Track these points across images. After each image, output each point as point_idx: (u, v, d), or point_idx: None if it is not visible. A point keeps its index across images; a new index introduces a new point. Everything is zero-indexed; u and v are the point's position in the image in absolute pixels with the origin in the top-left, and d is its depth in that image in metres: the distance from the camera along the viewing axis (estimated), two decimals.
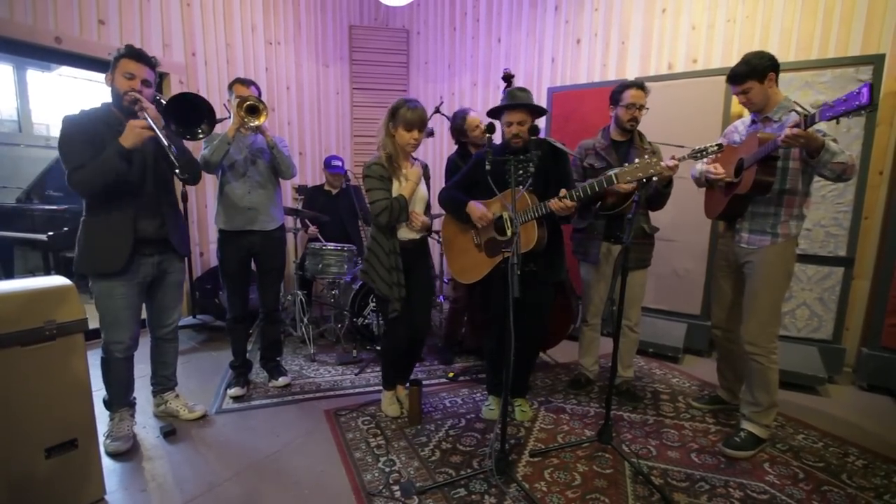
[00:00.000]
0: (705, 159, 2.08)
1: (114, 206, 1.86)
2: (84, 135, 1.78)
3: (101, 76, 3.25)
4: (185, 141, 2.05)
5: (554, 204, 1.85)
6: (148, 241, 1.95)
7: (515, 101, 1.97)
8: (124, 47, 1.85)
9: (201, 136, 1.99)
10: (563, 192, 1.86)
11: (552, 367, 2.96)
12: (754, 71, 1.85)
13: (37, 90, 6.00)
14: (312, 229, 3.64)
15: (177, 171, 1.82)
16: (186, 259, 3.34)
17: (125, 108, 1.82)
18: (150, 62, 1.88)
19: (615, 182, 1.83)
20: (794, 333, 2.89)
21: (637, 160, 1.78)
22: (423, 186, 2.17)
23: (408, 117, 2.00)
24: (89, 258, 1.86)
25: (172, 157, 1.74)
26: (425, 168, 2.22)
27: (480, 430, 2.17)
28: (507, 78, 2.48)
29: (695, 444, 2.07)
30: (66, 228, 3.93)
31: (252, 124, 2.26)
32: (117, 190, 1.83)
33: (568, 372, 2.86)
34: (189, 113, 1.95)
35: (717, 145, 1.96)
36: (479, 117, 2.72)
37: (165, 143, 1.73)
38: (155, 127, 1.73)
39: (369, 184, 2.05)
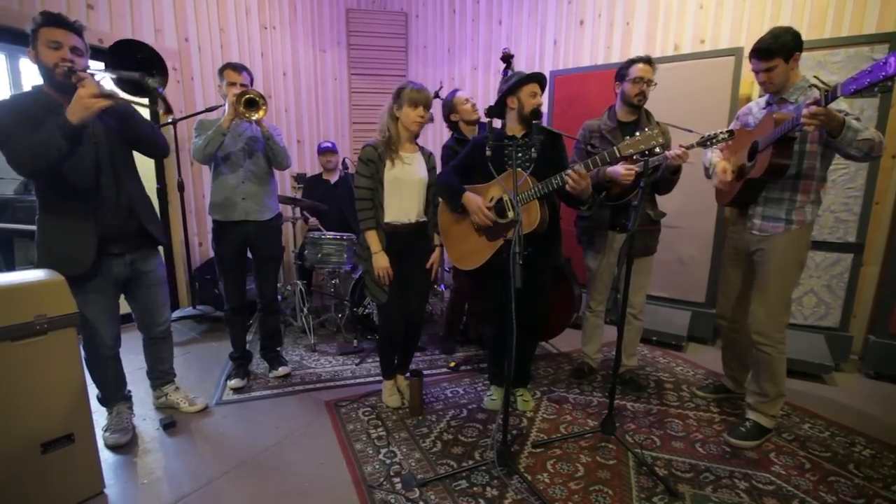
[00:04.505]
0: (717, 147, 2.01)
1: (70, 202, 1.68)
2: (17, 116, 1.56)
3: (95, 64, 3.20)
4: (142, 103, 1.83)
5: (570, 175, 1.80)
6: (114, 239, 1.80)
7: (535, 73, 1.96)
8: (40, 14, 1.60)
9: (158, 88, 1.75)
10: (576, 167, 1.82)
11: (554, 357, 2.93)
12: (783, 48, 1.75)
13: (31, 79, 5.91)
14: (312, 221, 3.60)
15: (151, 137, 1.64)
16: (185, 250, 3.38)
17: (60, 84, 1.60)
18: (74, 27, 1.64)
19: (618, 155, 1.77)
20: (800, 321, 2.85)
21: (638, 133, 1.72)
22: (423, 169, 2.13)
23: (413, 96, 2.00)
24: (51, 262, 1.67)
25: (140, 129, 1.57)
26: (430, 157, 2.19)
27: (482, 421, 2.15)
28: (507, 58, 2.40)
29: (699, 433, 2.04)
30: None
31: (252, 118, 2.19)
32: (69, 182, 1.64)
33: (570, 361, 2.83)
34: (136, 68, 1.67)
35: (727, 132, 1.88)
36: (467, 94, 2.70)
37: (124, 101, 1.52)
38: (106, 92, 1.51)
39: (358, 166, 2.07)
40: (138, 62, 1.74)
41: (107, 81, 1.89)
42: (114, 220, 1.79)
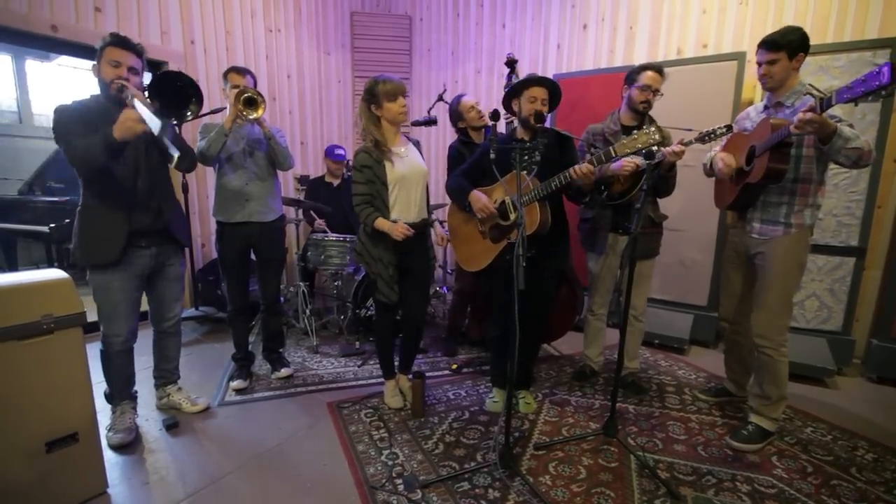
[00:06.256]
0: (716, 147, 2.02)
1: (108, 197, 1.86)
2: (79, 121, 1.75)
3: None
4: (174, 123, 2.06)
5: (575, 170, 1.83)
6: (143, 233, 1.93)
7: (542, 77, 1.98)
8: (109, 35, 1.83)
9: (189, 117, 1.97)
10: (583, 163, 1.84)
11: (557, 359, 2.94)
12: (790, 44, 1.79)
13: (36, 80, 5.95)
14: (319, 222, 3.61)
15: (176, 159, 1.79)
16: (188, 251, 3.39)
17: (113, 97, 1.80)
18: (135, 49, 1.85)
19: (613, 155, 1.79)
20: (802, 325, 2.85)
21: (635, 132, 1.73)
22: (421, 159, 2.16)
23: (388, 89, 1.98)
24: (84, 249, 1.86)
25: (169, 150, 1.73)
26: (417, 144, 2.21)
27: (484, 423, 2.15)
28: (511, 63, 2.42)
29: (701, 437, 2.04)
30: (67, 220, 3.93)
31: (250, 117, 2.22)
32: (112, 182, 1.82)
33: (572, 363, 2.84)
34: (175, 94, 1.92)
35: (725, 127, 1.90)
36: (472, 100, 2.71)
37: (157, 135, 1.68)
38: (148, 120, 1.67)
39: (354, 174, 2.06)
40: (178, 89, 2.09)
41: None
42: (144, 218, 1.93)
